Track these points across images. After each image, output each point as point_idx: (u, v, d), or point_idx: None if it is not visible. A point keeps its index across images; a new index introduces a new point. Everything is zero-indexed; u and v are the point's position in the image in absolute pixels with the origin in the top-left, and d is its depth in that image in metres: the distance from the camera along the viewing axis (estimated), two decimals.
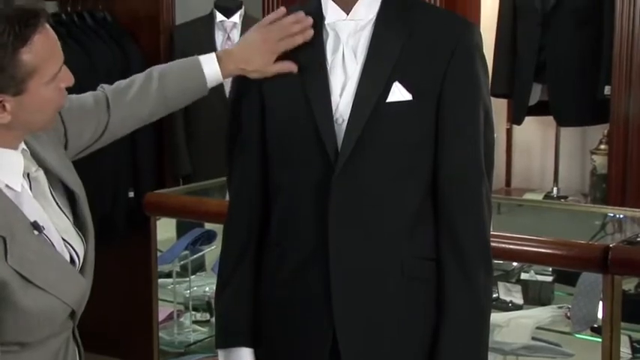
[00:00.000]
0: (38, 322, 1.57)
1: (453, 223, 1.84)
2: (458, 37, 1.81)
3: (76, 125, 1.80)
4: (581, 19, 3.78)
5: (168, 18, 4.27)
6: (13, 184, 1.59)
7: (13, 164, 1.59)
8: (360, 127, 1.78)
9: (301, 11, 1.86)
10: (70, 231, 1.68)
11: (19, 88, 1.53)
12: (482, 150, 1.84)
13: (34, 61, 1.52)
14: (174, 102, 1.96)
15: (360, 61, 1.81)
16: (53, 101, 1.60)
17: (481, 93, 1.84)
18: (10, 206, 1.56)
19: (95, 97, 1.87)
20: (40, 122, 1.62)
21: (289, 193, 1.86)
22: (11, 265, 1.52)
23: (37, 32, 1.52)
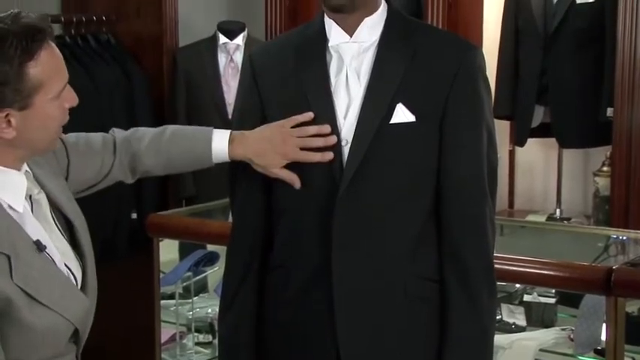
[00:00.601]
0: (42, 339, 1.58)
1: (457, 244, 1.84)
2: (461, 60, 1.82)
3: (80, 161, 1.81)
4: (582, 41, 3.79)
5: (171, 40, 4.29)
6: (16, 205, 1.59)
7: (15, 185, 1.60)
8: (364, 149, 1.79)
9: (327, 125, 1.82)
10: (68, 254, 1.68)
11: (24, 102, 1.54)
12: (486, 171, 1.85)
13: (40, 76, 1.54)
14: (175, 164, 1.92)
15: (364, 82, 1.83)
16: (56, 119, 1.61)
17: (484, 114, 1.85)
18: (13, 225, 1.57)
19: (104, 138, 1.88)
20: (43, 141, 1.63)
21: (293, 214, 1.87)
22: (16, 282, 1.53)
23: (43, 48, 1.54)
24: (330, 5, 1.82)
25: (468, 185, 1.84)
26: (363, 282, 1.82)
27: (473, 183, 1.84)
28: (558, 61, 3.84)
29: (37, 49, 1.53)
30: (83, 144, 1.83)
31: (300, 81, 1.85)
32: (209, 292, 3.56)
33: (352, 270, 1.82)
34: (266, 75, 1.90)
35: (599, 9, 3.74)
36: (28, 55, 1.52)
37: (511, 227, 3.44)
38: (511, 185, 4.42)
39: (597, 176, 3.87)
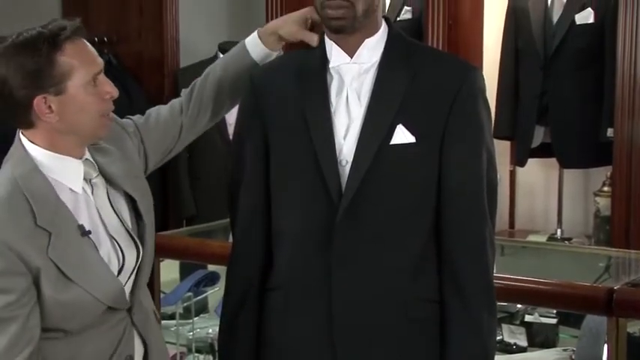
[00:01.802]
0: (72, 312, 1.78)
1: (456, 264, 1.84)
2: (461, 81, 1.83)
3: (153, 136, 2.03)
4: (582, 61, 3.80)
5: (172, 61, 4.31)
6: (75, 187, 1.82)
7: (73, 170, 1.83)
8: (364, 169, 1.80)
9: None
10: (121, 233, 1.86)
11: (58, 88, 1.76)
12: (486, 191, 1.85)
13: (69, 63, 1.76)
14: (227, 81, 2.09)
15: (364, 103, 1.83)
16: (93, 104, 1.79)
17: (484, 135, 1.86)
18: (63, 208, 1.78)
19: (172, 103, 2.10)
20: (87, 126, 1.81)
21: (292, 235, 1.87)
22: (50, 256, 1.74)
23: (69, 40, 1.76)
24: (330, 26, 1.83)
25: (467, 206, 1.84)
26: (363, 303, 1.82)
27: (472, 203, 1.84)
28: (558, 81, 3.84)
29: (61, 41, 1.75)
30: (153, 118, 2.05)
31: (300, 101, 1.86)
32: (210, 313, 3.55)
33: (352, 291, 1.82)
34: (267, 95, 1.91)
35: (598, 29, 3.75)
36: (55, 47, 1.74)
37: (512, 247, 3.44)
38: (512, 205, 4.41)
39: (598, 196, 3.87)
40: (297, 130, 1.85)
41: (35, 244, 1.73)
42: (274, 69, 1.99)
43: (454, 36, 3.89)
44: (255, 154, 1.92)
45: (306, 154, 1.83)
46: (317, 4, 1.83)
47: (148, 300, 1.99)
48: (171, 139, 2.07)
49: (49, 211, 1.76)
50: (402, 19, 4.06)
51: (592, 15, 3.77)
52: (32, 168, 1.79)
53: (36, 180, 1.78)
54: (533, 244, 3.76)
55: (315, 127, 1.83)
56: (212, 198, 4.06)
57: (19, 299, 1.72)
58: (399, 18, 4.05)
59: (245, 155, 1.94)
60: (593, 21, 3.76)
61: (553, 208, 4.26)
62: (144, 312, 1.93)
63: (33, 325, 1.74)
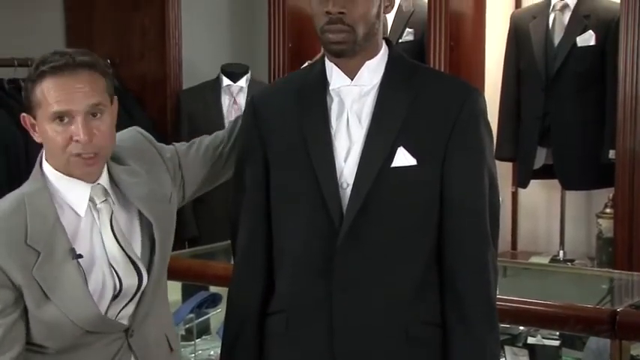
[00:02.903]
0: (51, 331, 1.81)
1: (458, 287, 1.83)
2: (462, 103, 1.83)
3: (192, 165, 2.07)
4: (584, 83, 3.81)
5: (175, 82, 4.32)
6: (79, 210, 1.86)
7: (79, 193, 1.86)
8: (365, 192, 1.79)
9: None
10: (119, 261, 1.87)
11: (32, 112, 1.84)
12: (488, 214, 1.85)
13: (40, 95, 1.81)
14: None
15: (365, 126, 1.83)
16: (56, 142, 1.81)
17: (485, 157, 1.85)
18: (59, 230, 1.82)
19: (217, 134, 2.13)
20: (58, 159, 1.83)
21: (294, 259, 1.86)
22: (34, 275, 1.77)
23: (51, 75, 1.80)
24: (331, 50, 1.83)
25: (469, 229, 1.83)
26: (365, 326, 1.81)
27: (475, 226, 1.83)
28: (560, 103, 3.85)
29: (44, 75, 1.80)
30: (195, 146, 2.10)
31: (300, 124, 1.86)
32: (211, 335, 3.54)
33: (353, 315, 1.81)
34: (267, 118, 1.91)
35: (599, 51, 3.76)
36: (37, 77, 1.81)
37: (514, 269, 3.43)
38: (514, 227, 4.41)
39: (600, 218, 3.86)
40: (297, 152, 1.85)
41: (21, 261, 1.77)
42: (275, 91, 1.99)
43: (456, 58, 3.90)
44: (255, 177, 1.92)
45: (307, 176, 1.82)
46: (317, 28, 1.83)
47: (160, 327, 1.98)
48: (212, 167, 2.09)
49: (43, 232, 1.80)
50: (403, 40, 4.07)
51: (593, 37, 3.78)
52: (41, 187, 1.84)
53: (41, 199, 1.83)
54: (536, 265, 3.75)
55: (316, 149, 1.83)
56: (214, 219, 4.05)
57: (4, 309, 1.78)
58: (401, 40, 4.07)
59: (245, 178, 1.94)
60: (595, 43, 3.77)
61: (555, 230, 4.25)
62: (147, 338, 1.92)
63: (16, 336, 1.79)
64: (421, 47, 4.00)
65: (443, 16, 3.80)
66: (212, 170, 2.10)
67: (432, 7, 3.83)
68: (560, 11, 3.87)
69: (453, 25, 3.86)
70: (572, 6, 3.85)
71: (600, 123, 3.74)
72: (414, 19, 4.08)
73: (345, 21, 1.78)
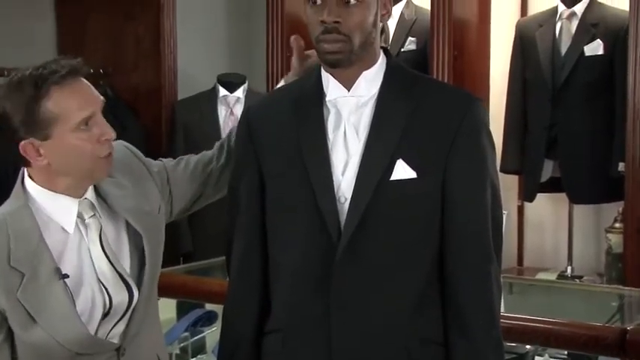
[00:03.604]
0: (37, 355, 1.81)
1: (460, 304, 1.83)
2: (463, 113, 1.83)
3: (180, 180, 2.06)
4: (592, 93, 3.81)
5: (170, 93, 4.33)
6: (67, 227, 1.84)
7: (67, 209, 1.84)
8: (363, 206, 1.79)
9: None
10: (109, 277, 1.86)
11: (44, 133, 1.78)
12: (490, 228, 1.85)
13: (55, 110, 1.77)
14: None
15: (363, 138, 1.83)
16: (82, 149, 1.80)
17: (488, 169, 1.85)
18: (43, 250, 1.80)
19: (204, 154, 2.13)
20: (81, 169, 1.82)
21: (290, 276, 1.86)
22: (19, 298, 1.77)
23: (58, 85, 1.77)
24: (326, 61, 1.83)
25: (471, 243, 1.83)
26: (364, 346, 1.81)
27: (477, 240, 1.83)
28: (568, 113, 3.85)
29: (49, 87, 1.77)
30: (183, 164, 2.08)
31: (296, 136, 1.86)
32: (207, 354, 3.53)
33: (352, 333, 1.80)
34: (262, 130, 1.91)
35: (608, 61, 3.77)
36: (42, 93, 1.77)
37: (520, 285, 3.43)
38: (520, 242, 4.40)
39: (609, 233, 3.86)
40: (293, 165, 1.85)
41: (5, 284, 1.77)
42: (269, 102, 1.99)
43: (460, 67, 3.90)
44: (250, 191, 1.92)
45: (304, 190, 1.82)
46: (312, 38, 1.83)
47: (151, 345, 1.98)
48: (201, 185, 2.09)
49: (26, 252, 1.78)
50: (406, 49, 4.08)
51: (601, 46, 3.79)
52: (22, 205, 1.82)
53: (23, 219, 1.81)
54: (543, 282, 3.74)
55: (312, 162, 1.83)
56: (210, 234, 4.05)
57: None
58: (403, 49, 4.08)
59: (240, 192, 1.94)
60: (603, 53, 3.78)
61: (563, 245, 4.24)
62: (138, 357, 1.92)
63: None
64: (424, 56, 4.00)
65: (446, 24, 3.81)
66: (201, 188, 2.10)
67: (435, 15, 3.84)
68: (568, 19, 3.88)
69: (456, 33, 3.86)
70: (580, 14, 3.86)
71: (609, 134, 3.74)
72: (416, 27, 4.09)
73: (340, 30, 1.78)
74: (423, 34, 4.04)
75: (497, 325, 1.86)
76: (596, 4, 3.87)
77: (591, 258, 4.20)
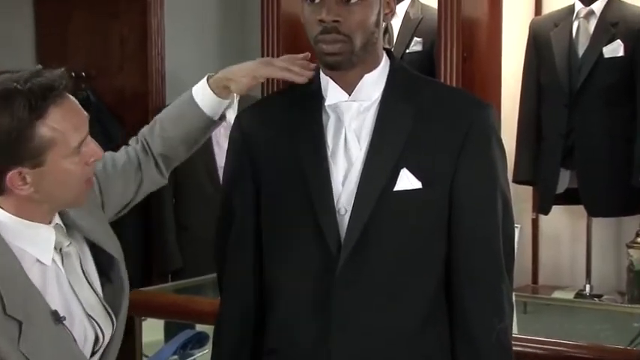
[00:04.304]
0: None
1: (469, 324, 1.84)
2: (471, 118, 1.84)
3: (111, 184, 1.98)
4: (612, 98, 3.82)
5: (157, 97, 4.34)
6: (44, 259, 1.76)
7: (44, 239, 1.76)
8: (365, 219, 1.79)
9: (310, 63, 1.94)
10: (97, 309, 1.81)
11: (36, 160, 1.69)
12: (501, 243, 1.85)
13: (52, 133, 1.68)
14: (179, 134, 2.07)
15: (364, 146, 1.84)
16: (75, 174, 1.74)
17: (498, 180, 1.86)
18: (32, 292, 1.71)
19: (127, 152, 2.07)
20: (66, 197, 1.76)
21: (287, 292, 1.87)
22: (22, 350, 1.66)
23: (55, 105, 1.69)
24: (326, 62, 1.84)
25: (481, 258, 1.84)
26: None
27: (487, 256, 1.84)
28: (585, 119, 3.85)
29: (46, 106, 1.67)
30: (110, 166, 2.00)
31: (293, 144, 1.87)
32: None
33: (353, 354, 1.81)
34: (257, 138, 1.92)
35: (628, 62, 3.77)
36: (37, 114, 1.67)
37: (535, 305, 3.43)
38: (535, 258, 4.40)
39: (631, 248, 3.86)
40: (290, 175, 1.86)
41: (6, 335, 1.65)
42: (264, 108, 2.00)
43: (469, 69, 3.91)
44: (244, 203, 1.92)
45: (301, 202, 1.83)
46: (310, 39, 1.84)
47: None
48: (130, 191, 2.03)
49: (19, 296, 1.68)
50: (411, 51, 4.09)
51: (621, 47, 3.79)
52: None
53: (2, 256, 1.70)
54: (559, 301, 3.75)
55: (311, 172, 1.84)
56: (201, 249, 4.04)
57: None
58: (409, 50, 4.08)
59: (234, 204, 1.95)
60: (623, 54, 3.79)
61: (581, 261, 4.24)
62: None
63: None
64: (430, 58, 4.01)
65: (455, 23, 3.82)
66: (131, 195, 2.04)
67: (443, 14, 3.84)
68: (585, 19, 3.89)
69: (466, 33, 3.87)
70: (598, 13, 3.87)
71: (630, 142, 3.75)
72: (422, 27, 4.10)
73: (340, 30, 1.79)
74: (429, 34, 4.05)
75: (509, 347, 1.87)
76: (615, 2, 3.88)
77: (611, 275, 4.20)
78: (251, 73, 2.01)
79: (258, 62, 2.04)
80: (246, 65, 2.04)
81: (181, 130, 2.06)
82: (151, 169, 2.06)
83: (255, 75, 2.01)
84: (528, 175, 4.06)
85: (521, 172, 4.01)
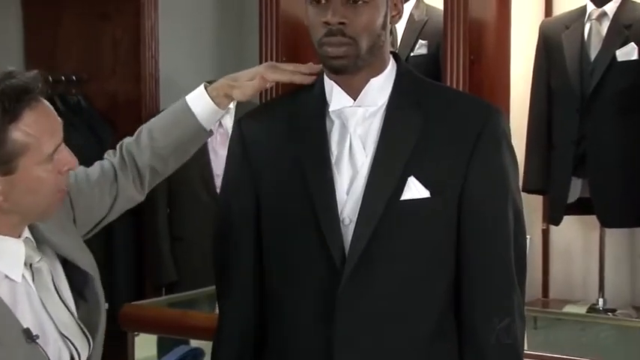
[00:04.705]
0: None
1: (480, 340, 1.84)
2: (482, 124, 1.84)
3: (83, 198, 1.95)
4: (626, 103, 3.82)
5: (151, 102, 4.34)
6: (13, 275, 1.71)
7: (13, 253, 1.71)
8: (370, 229, 1.80)
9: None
10: (71, 328, 1.77)
11: (8, 166, 1.65)
12: (513, 255, 1.85)
13: (25, 139, 1.65)
14: (170, 145, 2.03)
15: (370, 153, 1.84)
16: (47, 183, 1.70)
17: (510, 188, 1.86)
18: (3, 308, 1.66)
19: (102, 166, 2.03)
20: (37, 207, 1.72)
21: (288, 307, 1.87)
22: None
23: (29, 108, 1.66)
24: (330, 66, 1.84)
25: (492, 271, 1.84)
26: None
27: (498, 269, 1.84)
28: (598, 126, 3.85)
29: (20, 110, 1.64)
30: (83, 180, 1.97)
31: (296, 152, 1.87)
32: None
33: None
34: (258, 145, 1.92)
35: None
36: (10, 117, 1.64)
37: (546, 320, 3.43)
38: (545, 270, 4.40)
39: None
40: (292, 184, 1.86)
41: None
42: (265, 114, 2.00)
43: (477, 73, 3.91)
44: (244, 212, 1.93)
45: (304, 211, 1.83)
46: (314, 41, 1.84)
47: None
48: (104, 206, 2.00)
49: None
50: (416, 54, 4.10)
51: (636, 50, 3.80)
52: None
53: None
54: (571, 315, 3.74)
55: (314, 180, 1.84)
56: (196, 261, 4.06)
57: None
58: (413, 53, 4.09)
59: (233, 213, 1.95)
60: (637, 57, 3.79)
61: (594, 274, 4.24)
62: None
63: None
64: (436, 61, 4.02)
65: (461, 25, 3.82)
66: (103, 210, 2.00)
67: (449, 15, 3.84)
68: (597, 20, 3.89)
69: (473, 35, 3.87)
70: (611, 14, 3.87)
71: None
72: (427, 29, 4.11)
73: (346, 32, 1.80)
74: (434, 37, 4.05)
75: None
76: (629, 3, 3.88)
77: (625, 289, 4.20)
78: (258, 75, 2.00)
79: (265, 66, 2.04)
80: (251, 69, 2.03)
81: (173, 141, 2.03)
82: (128, 183, 2.02)
83: (264, 77, 2.01)
84: (538, 184, 4.06)
85: (531, 181, 4.00)
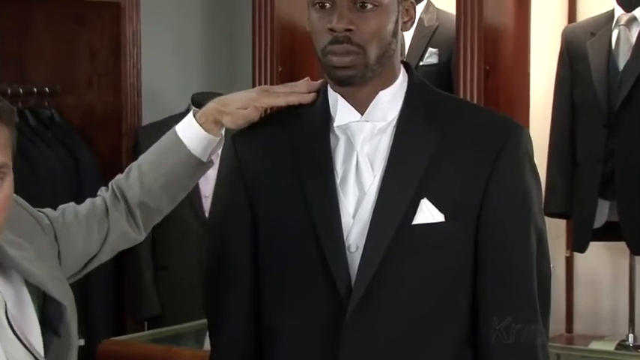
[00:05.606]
0: None
1: None
2: (502, 141, 1.85)
3: (68, 234, 1.97)
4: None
5: (132, 116, 4.34)
6: None
7: None
8: (379, 257, 1.80)
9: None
10: None
11: None
12: (536, 286, 1.86)
13: None
14: (159, 178, 2.04)
15: (379, 172, 1.85)
16: None
17: (532, 211, 1.87)
18: None
19: (93, 202, 2.06)
20: None
21: (288, 341, 1.87)
22: None
23: None
24: (335, 77, 1.84)
25: (513, 303, 1.84)
26: None
27: (519, 300, 1.84)
28: (626, 142, 3.87)
29: None
30: (71, 214, 2.00)
31: (296, 171, 1.87)
32: None
33: None
34: (255, 166, 1.92)
35: None
36: None
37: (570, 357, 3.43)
38: (569, 303, 4.41)
39: None
40: (293, 207, 1.86)
41: None
42: (262, 129, 1.99)
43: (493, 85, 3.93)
44: (239, 238, 1.93)
45: (306, 237, 1.84)
46: (318, 50, 1.85)
47: None
48: (94, 243, 2.02)
49: None
50: (425, 63, 4.11)
51: None
52: None
53: None
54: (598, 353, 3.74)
55: (317, 203, 1.84)
56: (182, 293, 4.06)
57: None
58: (422, 62, 4.11)
59: (226, 239, 1.95)
60: None
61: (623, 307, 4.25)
62: None
63: None
64: (448, 72, 4.04)
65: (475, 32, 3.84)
66: (95, 248, 2.02)
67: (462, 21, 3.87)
68: (626, 26, 3.91)
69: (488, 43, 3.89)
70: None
71: None
72: (438, 35, 4.13)
73: (353, 40, 1.80)
74: (446, 45, 4.07)
75: None
76: None
77: None
78: (251, 103, 1.99)
79: (258, 91, 2.03)
80: (242, 94, 2.02)
81: (163, 174, 2.04)
82: (121, 218, 2.03)
83: (257, 105, 1.99)
84: (561, 207, 4.07)
85: (553, 203, 4.01)
